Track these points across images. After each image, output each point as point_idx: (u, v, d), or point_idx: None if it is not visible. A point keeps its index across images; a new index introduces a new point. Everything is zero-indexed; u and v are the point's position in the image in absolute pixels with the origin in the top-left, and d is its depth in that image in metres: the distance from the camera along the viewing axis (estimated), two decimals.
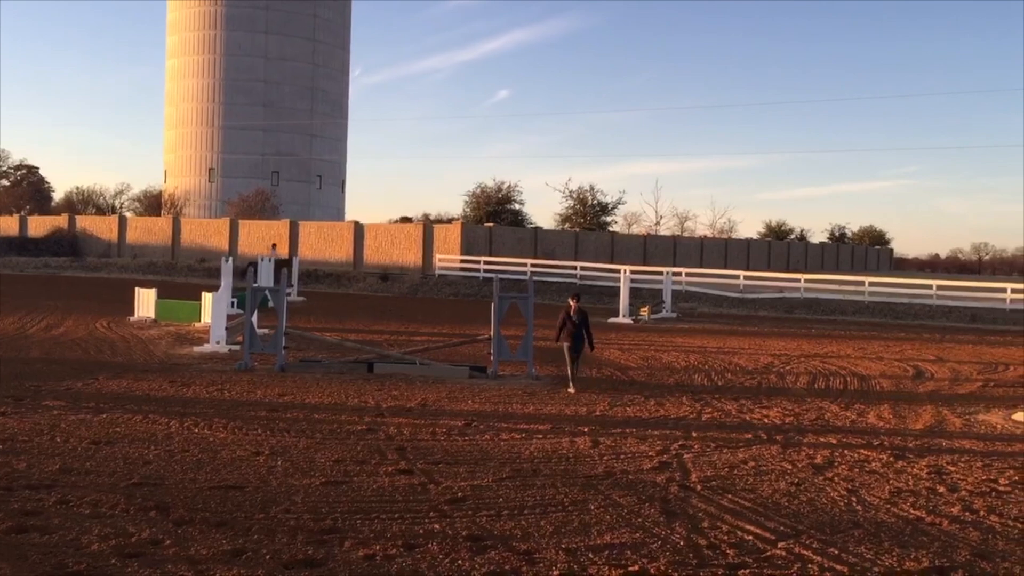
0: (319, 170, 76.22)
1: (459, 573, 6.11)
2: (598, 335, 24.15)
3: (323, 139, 76.63)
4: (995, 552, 6.96)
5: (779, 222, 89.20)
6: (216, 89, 72.93)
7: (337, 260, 48.42)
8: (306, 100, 74.88)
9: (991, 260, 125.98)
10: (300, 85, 74.41)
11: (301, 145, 74.78)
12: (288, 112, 73.48)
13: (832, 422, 12.45)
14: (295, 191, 73.00)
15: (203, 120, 73.54)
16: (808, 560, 6.60)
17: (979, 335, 28.48)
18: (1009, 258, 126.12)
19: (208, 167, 73.71)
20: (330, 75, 77.36)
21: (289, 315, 18.23)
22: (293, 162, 74.08)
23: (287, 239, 49.84)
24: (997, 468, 9.86)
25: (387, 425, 11.25)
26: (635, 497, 8.21)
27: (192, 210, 71.78)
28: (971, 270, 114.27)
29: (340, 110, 79.45)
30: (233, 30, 72.34)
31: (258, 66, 72.84)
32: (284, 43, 73.27)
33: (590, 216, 65.18)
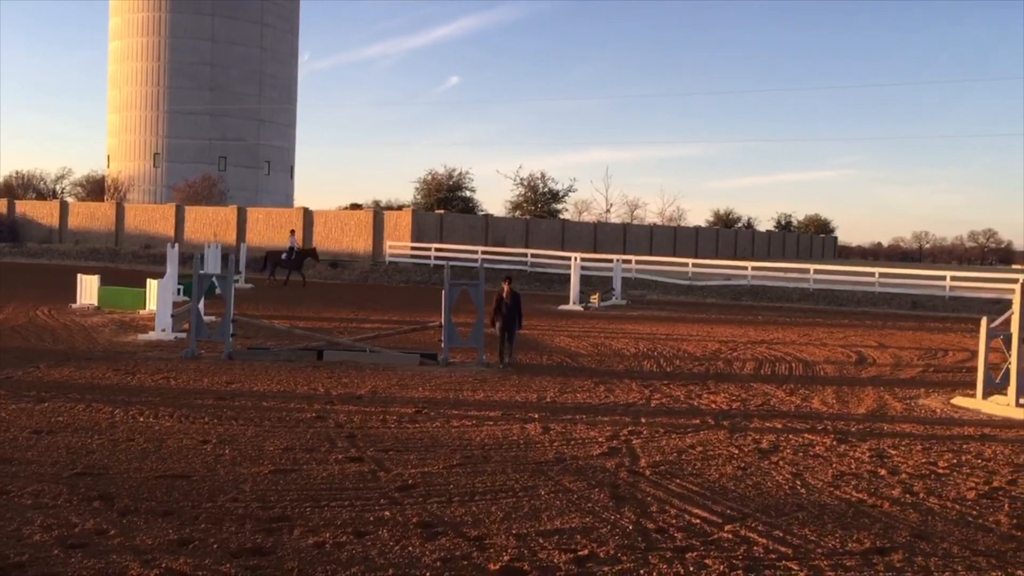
0: (267, 156, 75.23)
1: (409, 559, 6.11)
2: (549, 323, 24.38)
3: (271, 124, 75.59)
4: (934, 533, 7.14)
5: (727, 210, 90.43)
6: (161, 72, 71.51)
7: (286, 246, 47.84)
8: (254, 85, 73.76)
9: (931, 248, 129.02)
10: (248, 69, 73.26)
11: (249, 130, 73.70)
12: (236, 97, 72.32)
13: (778, 407, 12.66)
14: (243, 177, 71.95)
15: (148, 104, 72.10)
16: (754, 542, 6.71)
17: (920, 321, 29.15)
18: (948, 246, 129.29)
19: (153, 152, 72.34)
20: (278, 59, 76.30)
21: (237, 302, 18.00)
22: (241, 147, 73.00)
23: (235, 225, 49.14)
24: (936, 451, 10.12)
25: (337, 413, 11.18)
26: (585, 482, 8.28)
27: (136, 195, 70.44)
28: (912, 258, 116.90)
29: (289, 95, 78.45)
30: (179, 12, 70.92)
31: (204, 49, 71.55)
32: (231, 26, 72.05)
33: (541, 203, 65.31)
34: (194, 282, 16.45)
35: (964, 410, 12.85)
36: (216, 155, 71.72)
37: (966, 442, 10.68)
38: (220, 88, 71.91)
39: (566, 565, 6.10)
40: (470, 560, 6.14)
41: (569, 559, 6.22)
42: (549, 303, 31.34)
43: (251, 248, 44.61)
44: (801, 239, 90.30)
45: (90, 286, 23.92)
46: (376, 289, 36.89)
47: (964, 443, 10.61)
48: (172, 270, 19.94)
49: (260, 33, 73.89)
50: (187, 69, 71.22)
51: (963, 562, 6.44)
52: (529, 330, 21.99)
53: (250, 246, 44.89)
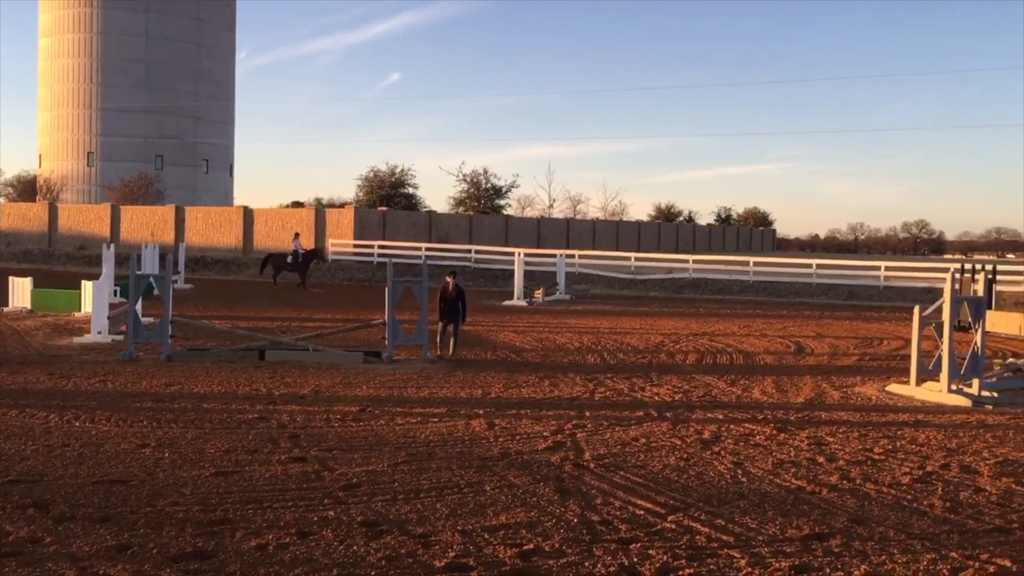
0: (205, 154, 74.01)
1: (354, 559, 6.07)
2: (493, 318, 24.40)
3: (209, 122, 74.38)
4: (871, 518, 7.31)
5: (668, 204, 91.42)
6: (94, 69, 69.92)
7: (226, 246, 47.19)
8: (190, 82, 72.47)
9: (867, 240, 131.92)
10: (184, 66, 71.95)
11: (186, 128, 72.42)
12: (171, 94, 70.97)
13: (719, 398, 12.84)
14: (180, 175, 70.71)
15: (80, 102, 70.43)
16: (696, 532, 6.80)
17: (856, 311, 29.80)
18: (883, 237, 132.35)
19: (87, 151, 70.72)
20: (215, 56, 75.08)
21: (176, 303, 17.70)
22: (178, 146, 71.69)
23: (173, 225, 48.28)
24: (872, 438, 10.36)
25: (279, 413, 11.06)
26: (530, 477, 8.30)
27: (70, 195, 68.80)
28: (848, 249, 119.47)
29: (226, 92, 77.24)
30: (111, 7, 69.38)
31: (138, 46, 70.11)
32: (166, 22, 70.69)
33: (484, 200, 65.34)
34: (131, 283, 16.11)
35: (898, 397, 13.17)
36: (152, 153, 70.38)
37: (901, 428, 10.95)
38: (155, 85, 70.53)
39: (511, 560, 6.12)
40: (415, 558, 6.12)
41: (515, 553, 6.23)
42: (493, 299, 31.37)
43: (190, 247, 43.91)
44: (741, 232, 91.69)
45: (22, 288, 23.30)
46: (319, 287, 36.52)
47: (899, 429, 10.88)
48: (108, 271, 19.54)
49: (196, 29, 72.61)
50: (121, 66, 69.72)
51: (899, 545, 6.60)
52: (474, 326, 21.99)
53: (189, 245, 44.17)
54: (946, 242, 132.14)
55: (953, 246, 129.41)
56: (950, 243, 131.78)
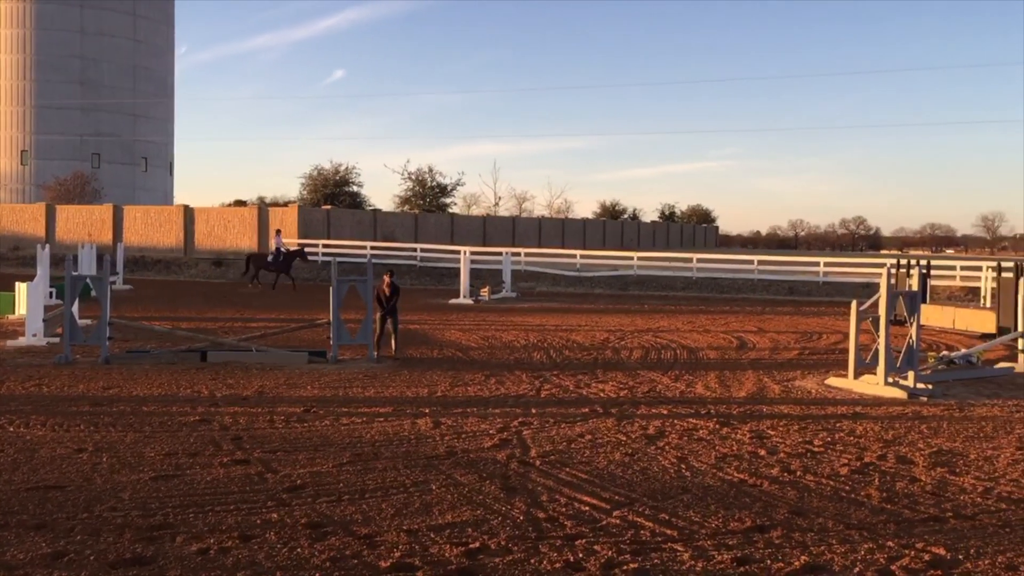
0: (144, 152, 72.54)
1: (298, 561, 6.01)
2: (440, 317, 24.36)
3: (148, 119, 72.91)
4: (810, 509, 7.44)
5: (613, 202, 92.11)
6: (27, 65, 68.06)
7: (166, 246, 46.34)
8: (128, 78, 70.93)
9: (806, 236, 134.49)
10: (121, 62, 70.39)
11: (124, 126, 70.89)
12: (108, 91, 69.41)
13: (663, 393, 12.97)
14: (118, 174, 69.20)
15: (13, 99, 68.53)
16: (641, 526, 6.87)
17: (796, 306, 30.33)
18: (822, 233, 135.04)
19: (20, 149, 68.83)
20: (154, 52, 73.60)
21: (114, 304, 17.35)
22: (115, 143, 70.15)
23: (110, 224, 47.25)
24: (812, 430, 10.55)
25: (222, 415, 10.89)
26: (476, 475, 8.30)
27: (3, 195, 66.98)
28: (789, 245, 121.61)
29: (166, 89, 75.81)
30: (44, 2, 67.59)
31: (74, 41, 68.43)
32: (102, 17, 69.10)
33: (429, 198, 65.11)
34: (67, 284, 15.72)
35: (837, 390, 13.43)
36: (89, 152, 68.77)
37: (839, 420, 11.17)
38: (91, 82, 68.93)
39: (457, 559, 6.11)
40: (360, 559, 6.08)
41: (460, 552, 6.23)
42: (440, 297, 31.30)
43: (129, 248, 43.06)
44: (684, 229, 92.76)
45: None
46: (262, 287, 36.04)
47: (837, 421, 11.10)
48: (43, 272, 19.05)
49: (133, 25, 71.11)
50: (55, 62, 67.97)
51: (837, 536, 6.74)
52: (420, 325, 21.94)
53: (128, 246, 43.33)
54: (883, 238, 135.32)
55: (890, 242, 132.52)
56: (887, 239, 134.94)
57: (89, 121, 68.95)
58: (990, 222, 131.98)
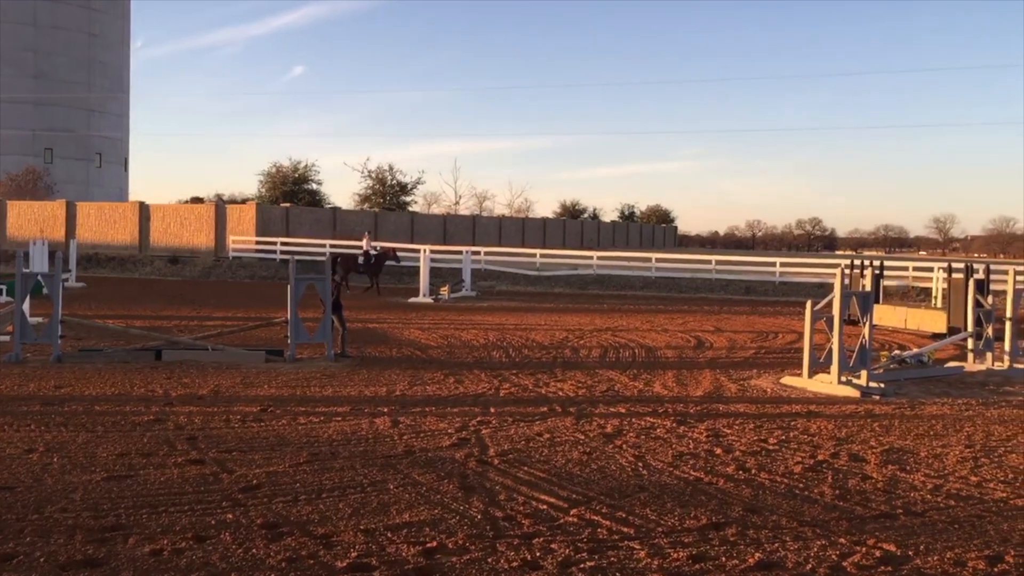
0: (98, 147, 71.41)
1: (253, 562, 5.96)
2: (399, 315, 24.27)
3: (102, 114, 71.79)
4: (764, 506, 7.53)
5: (573, 201, 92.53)
6: None
7: (121, 243, 45.65)
8: (82, 72, 69.78)
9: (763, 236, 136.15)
10: (75, 56, 69.22)
11: (78, 120, 69.73)
12: (62, 85, 68.22)
13: (622, 392, 13.05)
14: (72, 170, 68.07)
15: None
16: (598, 525, 6.90)
17: (753, 306, 30.67)
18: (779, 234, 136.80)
19: None
20: (109, 46, 72.48)
21: (67, 302, 17.05)
22: (69, 139, 68.95)
23: (63, 221, 46.43)
24: (767, 429, 10.68)
25: (176, 414, 10.76)
26: (434, 474, 8.29)
27: None
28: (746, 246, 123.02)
29: (121, 84, 74.68)
30: None
31: (27, 35, 67.14)
32: (56, 10, 67.87)
33: (390, 196, 64.87)
34: (17, 281, 15.41)
35: (792, 389, 13.61)
36: (42, 147, 67.53)
37: (794, 419, 11.31)
38: (45, 76, 67.69)
39: (414, 558, 6.10)
40: (316, 559, 6.04)
41: (418, 551, 6.21)
42: (399, 296, 31.19)
43: (82, 245, 42.37)
44: (644, 229, 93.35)
45: None
46: (219, 285, 35.70)
47: (792, 420, 11.24)
48: None
49: (88, 18, 69.96)
50: (8, 56, 66.64)
51: (791, 532, 6.83)
52: (379, 323, 21.86)
53: (81, 242, 42.63)
54: (838, 239, 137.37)
55: (844, 243, 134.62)
56: (842, 240, 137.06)
57: (42, 116, 67.72)
58: (942, 224, 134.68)
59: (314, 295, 16.18)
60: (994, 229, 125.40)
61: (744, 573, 5.98)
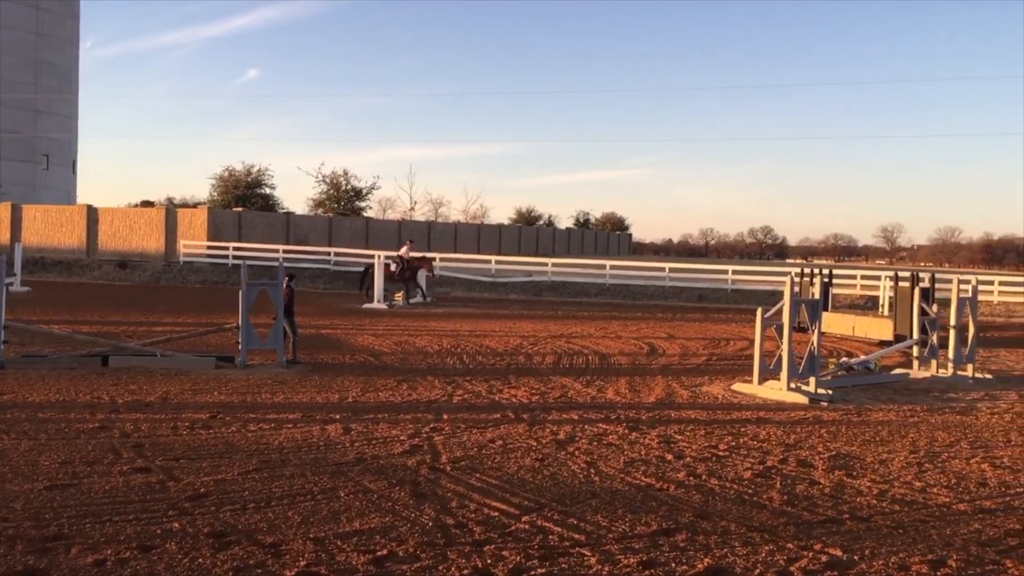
0: (46, 149, 69.89)
1: (200, 572, 5.87)
2: (352, 322, 24.11)
3: (50, 116, 70.29)
4: (714, 512, 7.60)
5: (529, 208, 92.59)
6: None
7: (68, 247, 44.77)
8: (29, 72, 68.28)
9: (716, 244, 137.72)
10: (22, 56, 67.71)
11: (24, 122, 68.20)
12: (8, 85, 66.68)
13: (575, 399, 13.09)
14: (18, 172, 66.54)
15: None
16: (549, 531, 6.91)
17: (705, 313, 30.98)
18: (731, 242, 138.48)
19: None
20: (57, 46, 71.01)
21: (11, 306, 16.68)
22: (15, 140, 67.43)
23: (8, 224, 45.42)
24: (717, 435, 10.78)
25: (123, 422, 10.56)
26: (386, 482, 8.24)
27: None
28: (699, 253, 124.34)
29: (70, 84, 73.23)
30: None
31: None
32: (2, 9, 66.40)
33: (344, 201, 64.44)
34: None
35: (742, 395, 13.76)
36: None
37: (744, 425, 11.44)
38: None
39: (364, 566, 6.05)
40: (264, 568, 5.97)
41: (368, 560, 6.17)
42: (353, 302, 30.99)
43: (28, 248, 41.48)
44: (599, 236, 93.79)
45: None
46: (170, 290, 35.19)
47: (742, 426, 11.37)
48: None
49: (35, 17, 68.51)
50: None
51: (740, 538, 6.89)
52: (332, 330, 21.70)
53: (27, 246, 41.73)
54: (789, 247, 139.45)
55: (795, 251, 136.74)
56: (792, 248, 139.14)
57: None
58: (889, 233, 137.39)
59: (267, 301, 16.01)
60: (939, 239, 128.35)
61: None
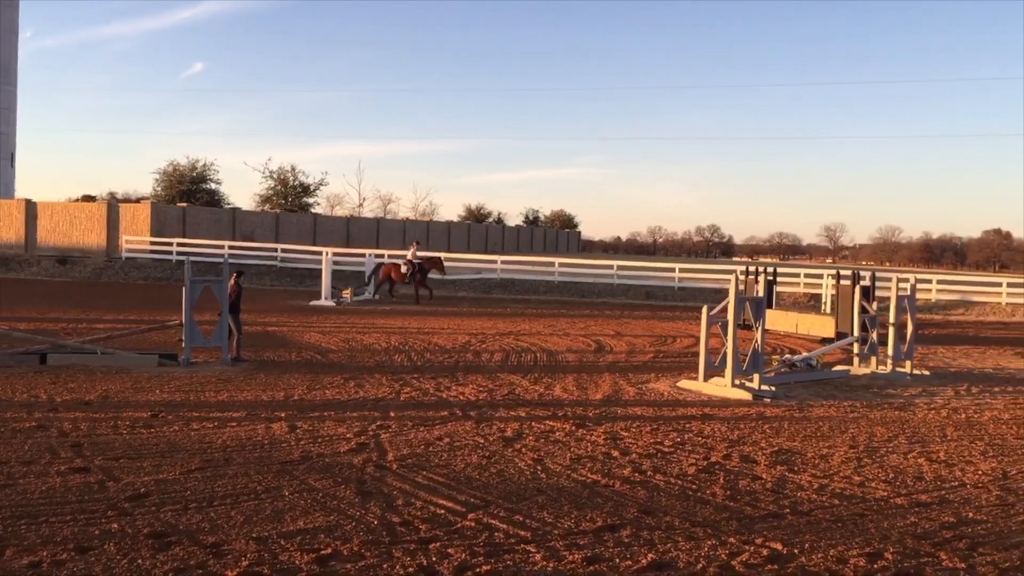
0: None
1: (139, 573, 5.77)
2: (299, 319, 23.88)
3: None
4: (659, 508, 7.68)
5: (479, 205, 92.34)
6: None
7: (5, 242, 43.63)
8: None
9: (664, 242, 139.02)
10: None
11: None
12: None
13: (522, 396, 13.12)
14: None
15: None
16: (495, 528, 6.92)
17: (653, 311, 31.25)
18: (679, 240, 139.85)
19: None
20: None
21: None
22: None
23: None
24: (663, 431, 10.89)
25: (61, 421, 10.34)
26: (331, 480, 8.18)
27: None
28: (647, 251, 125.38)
29: (8, 76, 71.35)
30: None
31: None
32: None
33: (292, 197, 63.67)
34: None
35: (688, 392, 13.91)
36: None
37: (689, 421, 11.57)
38: None
39: (308, 565, 6.00)
40: (205, 568, 5.89)
41: (311, 559, 6.12)
42: (300, 299, 30.70)
43: None
44: (548, 234, 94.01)
45: None
46: (112, 287, 34.51)
47: (687, 422, 11.50)
48: None
49: None
50: None
51: (683, 533, 6.98)
52: (279, 327, 21.48)
53: None
54: (735, 245, 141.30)
55: (741, 249, 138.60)
56: (739, 246, 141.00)
57: None
58: (832, 232, 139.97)
59: (211, 298, 15.77)
60: (881, 238, 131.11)
61: (637, 574, 6.09)
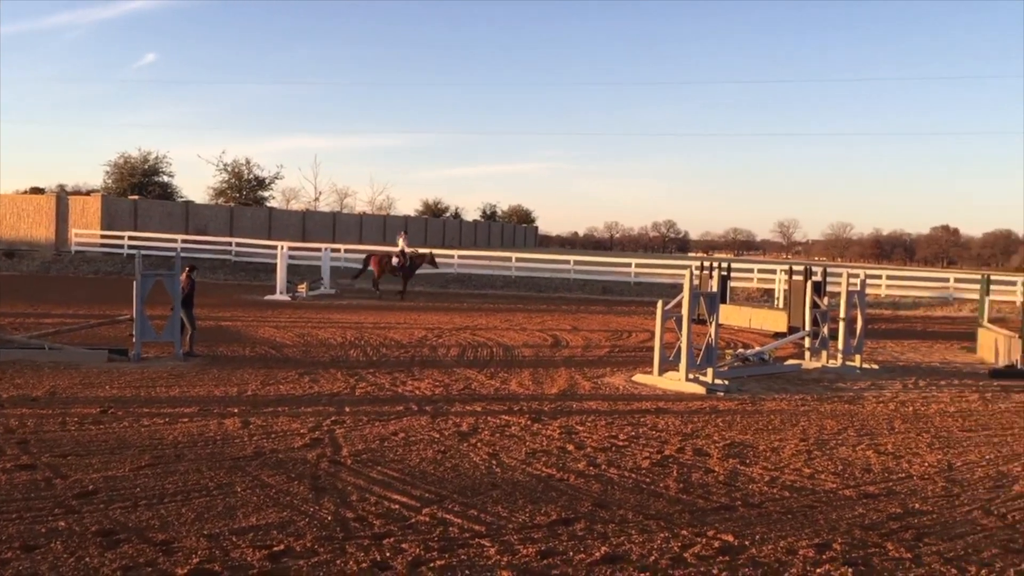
0: None
1: (87, 571, 5.67)
2: (254, 313, 23.64)
3: None
4: (613, 501, 7.73)
5: (436, 200, 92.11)
6: None
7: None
8: None
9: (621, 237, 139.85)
10: None
11: None
12: None
13: (478, 391, 13.12)
14: None
15: None
16: (450, 523, 6.92)
17: (608, 306, 31.41)
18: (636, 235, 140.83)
19: None
20: None
21: None
22: None
23: None
24: (618, 425, 10.97)
25: (7, 417, 10.13)
26: (284, 476, 8.11)
27: None
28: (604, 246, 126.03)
29: None
30: None
31: None
32: None
33: (246, 191, 62.98)
34: None
35: (643, 386, 14.02)
36: None
37: (643, 415, 11.66)
38: None
39: (260, 562, 5.95)
40: (155, 566, 5.81)
41: (263, 556, 6.07)
42: (255, 293, 30.38)
43: None
44: (505, 228, 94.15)
45: None
46: (60, 281, 33.85)
47: (642, 416, 11.59)
48: None
49: None
50: None
51: (636, 526, 7.03)
52: (232, 321, 21.24)
53: None
54: (691, 241, 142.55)
55: (697, 245, 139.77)
56: (694, 242, 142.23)
57: None
58: (786, 228, 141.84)
59: (163, 292, 15.55)
60: (832, 234, 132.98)
61: (591, 567, 6.12)
